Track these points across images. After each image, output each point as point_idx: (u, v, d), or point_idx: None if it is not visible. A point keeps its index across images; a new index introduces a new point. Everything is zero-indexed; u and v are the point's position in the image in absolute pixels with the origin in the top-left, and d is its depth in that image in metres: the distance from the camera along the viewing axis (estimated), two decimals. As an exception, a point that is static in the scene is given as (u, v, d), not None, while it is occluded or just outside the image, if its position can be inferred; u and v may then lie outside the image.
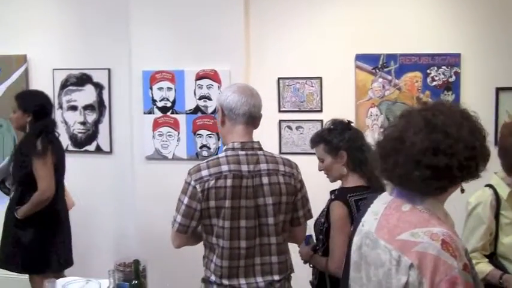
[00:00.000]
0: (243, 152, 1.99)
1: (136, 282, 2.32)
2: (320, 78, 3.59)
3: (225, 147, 2.03)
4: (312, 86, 3.57)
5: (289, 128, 3.63)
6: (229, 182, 1.95)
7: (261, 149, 2.05)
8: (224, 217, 1.95)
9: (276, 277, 2.04)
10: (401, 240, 1.34)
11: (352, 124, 2.34)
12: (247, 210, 1.96)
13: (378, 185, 1.97)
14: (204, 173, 1.96)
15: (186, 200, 1.97)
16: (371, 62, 3.53)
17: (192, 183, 1.96)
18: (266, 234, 2.01)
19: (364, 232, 1.47)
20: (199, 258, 3.54)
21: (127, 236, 3.94)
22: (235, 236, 1.97)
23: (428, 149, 1.33)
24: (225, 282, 2.00)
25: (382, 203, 1.49)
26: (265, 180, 1.99)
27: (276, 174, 2.01)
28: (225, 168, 1.96)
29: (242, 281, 2.00)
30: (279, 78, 3.63)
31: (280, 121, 3.61)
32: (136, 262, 2.33)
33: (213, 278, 2.03)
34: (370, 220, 1.48)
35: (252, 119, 2.04)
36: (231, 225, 1.96)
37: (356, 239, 1.50)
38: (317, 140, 2.32)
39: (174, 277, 3.50)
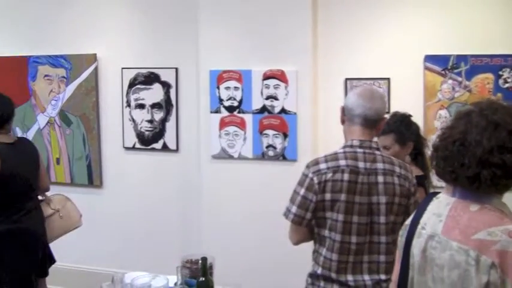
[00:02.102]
0: (361, 150, 2.32)
1: (203, 279, 2.55)
2: (388, 79, 4.00)
3: (344, 144, 2.40)
4: (380, 87, 3.98)
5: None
6: (346, 176, 2.27)
7: (378, 149, 2.36)
8: (338, 210, 2.27)
9: (383, 276, 2.30)
10: (477, 239, 1.47)
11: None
12: (361, 206, 2.27)
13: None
14: (322, 166, 2.31)
15: (302, 191, 2.32)
16: (440, 63, 3.91)
17: (310, 175, 2.31)
18: (376, 233, 2.30)
19: (428, 235, 1.62)
20: (266, 256, 4.08)
21: (192, 233, 4.48)
22: (347, 230, 2.28)
23: (494, 147, 1.50)
24: (333, 276, 2.30)
25: (445, 204, 1.63)
26: (380, 179, 2.29)
27: (392, 175, 2.30)
28: (342, 162, 2.29)
29: (350, 277, 2.30)
30: (346, 79, 4.07)
31: (347, 122, 4.01)
32: (204, 259, 2.56)
33: (320, 271, 2.33)
34: (432, 222, 1.63)
35: (368, 122, 2.34)
36: (344, 219, 2.27)
37: (418, 242, 1.65)
38: (388, 129, 2.83)
39: (240, 275, 3.97)
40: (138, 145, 4.64)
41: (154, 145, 4.60)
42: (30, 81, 4.94)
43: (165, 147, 4.58)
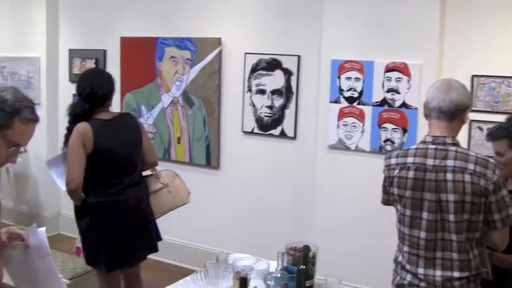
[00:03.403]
0: (433, 146, 2.47)
1: (303, 267, 2.69)
2: (519, 78, 4.06)
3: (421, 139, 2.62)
4: (509, 86, 4.07)
5: (480, 129, 4.19)
6: (411, 173, 2.48)
7: (454, 144, 2.47)
8: (405, 206, 2.52)
9: (456, 274, 2.45)
10: None
11: None
12: (429, 203, 2.45)
13: None
14: (393, 161, 2.59)
15: (382, 182, 2.67)
16: None
17: (383, 168, 2.64)
18: (447, 230, 2.44)
19: None
20: (374, 252, 4.33)
21: (302, 221, 4.85)
22: (416, 225, 2.51)
23: None
24: (407, 266, 2.56)
25: None
26: (449, 176, 2.41)
27: (462, 172, 2.39)
28: (410, 160, 2.51)
29: (420, 270, 2.51)
30: (473, 76, 4.19)
31: (471, 121, 4.16)
32: (307, 247, 2.71)
33: (399, 258, 2.62)
34: None
35: (444, 114, 2.47)
36: (411, 214, 2.51)
37: None
38: (501, 134, 2.83)
39: (344, 268, 4.23)
40: (256, 130, 5.06)
41: (273, 131, 5.00)
42: (157, 62, 5.51)
43: (282, 134, 4.96)
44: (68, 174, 3.54)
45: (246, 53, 5.07)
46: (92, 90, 3.59)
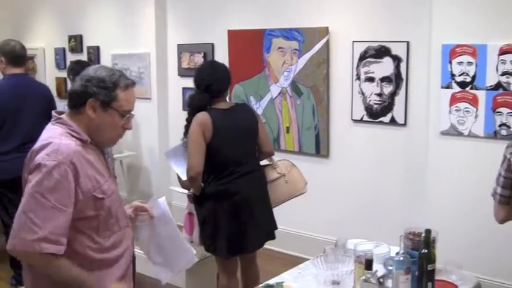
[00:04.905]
0: None
1: (426, 251, 2.77)
2: None
3: None
4: None
5: None
6: None
7: None
8: None
9: None
10: None
11: None
12: None
13: None
14: None
15: (502, 172, 2.79)
16: None
17: (508, 155, 2.76)
18: None
19: None
20: (488, 238, 4.44)
21: (414, 208, 5.07)
22: None
23: None
24: None
25: None
26: None
27: None
28: None
29: None
30: None
31: None
32: (428, 231, 2.79)
33: None
34: None
35: None
36: None
37: None
38: None
39: (460, 255, 4.40)
40: (366, 118, 5.33)
41: (382, 118, 5.24)
42: (265, 53, 5.89)
43: (392, 121, 5.19)
44: (188, 162, 3.86)
45: (353, 41, 5.33)
46: (210, 82, 3.94)
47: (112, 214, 2.43)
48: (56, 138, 2.30)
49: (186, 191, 4.26)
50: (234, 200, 3.94)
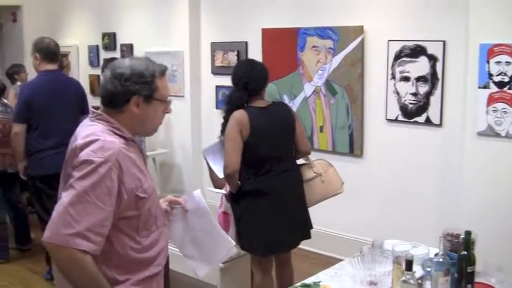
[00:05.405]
0: None
1: (465, 253, 2.74)
2: None
3: None
4: None
5: None
6: None
7: None
8: None
9: None
10: None
11: None
12: None
13: None
14: None
15: None
16: None
17: None
18: None
19: None
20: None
21: (450, 209, 5.05)
22: None
23: None
24: None
25: None
26: None
27: None
28: None
29: None
30: None
31: None
32: (468, 233, 2.75)
33: None
34: None
35: None
36: None
37: None
38: None
39: (500, 257, 4.37)
40: (400, 117, 5.32)
41: (417, 118, 5.24)
42: (299, 52, 5.92)
43: (428, 121, 5.19)
44: (225, 160, 3.89)
45: (389, 40, 5.33)
46: (248, 80, 3.98)
47: (151, 213, 2.44)
48: (100, 135, 2.29)
49: (221, 191, 4.31)
50: (270, 198, 3.97)
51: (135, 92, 2.36)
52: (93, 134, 2.30)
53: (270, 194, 3.97)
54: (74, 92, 5.22)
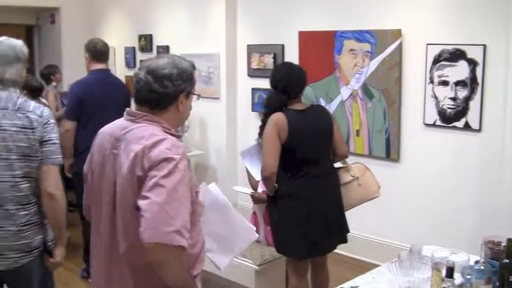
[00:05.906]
0: None
1: (507, 261, 2.68)
2: None
3: None
4: None
5: None
6: None
7: None
8: None
9: None
10: None
11: None
12: None
13: None
14: None
15: None
16: None
17: None
18: None
19: None
20: None
21: (488, 216, 5.00)
22: None
23: None
24: None
25: None
26: None
27: None
28: None
29: None
30: None
31: None
32: (511, 241, 2.67)
33: None
34: None
35: None
36: None
37: None
38: None
39: None
40: (438, 122, 5.29)
41: (456, 123, 5.19)
42: (336, 55, 5.92)
43: (467, 126, 5.14)
44: (263, 163, 3.90)
45: (427, 44, 5.29)
46: (286, 83, 4.00)
47: (195, 208, 2.45)
48: (161, 134, 2.34)
49: (247, 190, 4.34)
50: (307, 201, 3.99)
51: (183, 90, 2.42)
52: (155, 134, 2.33)
53: (307, 197, 3.98)
54: (121, 93, 5.34)
